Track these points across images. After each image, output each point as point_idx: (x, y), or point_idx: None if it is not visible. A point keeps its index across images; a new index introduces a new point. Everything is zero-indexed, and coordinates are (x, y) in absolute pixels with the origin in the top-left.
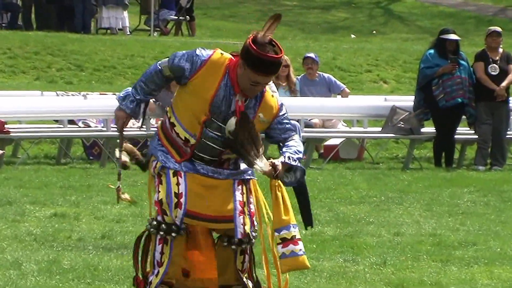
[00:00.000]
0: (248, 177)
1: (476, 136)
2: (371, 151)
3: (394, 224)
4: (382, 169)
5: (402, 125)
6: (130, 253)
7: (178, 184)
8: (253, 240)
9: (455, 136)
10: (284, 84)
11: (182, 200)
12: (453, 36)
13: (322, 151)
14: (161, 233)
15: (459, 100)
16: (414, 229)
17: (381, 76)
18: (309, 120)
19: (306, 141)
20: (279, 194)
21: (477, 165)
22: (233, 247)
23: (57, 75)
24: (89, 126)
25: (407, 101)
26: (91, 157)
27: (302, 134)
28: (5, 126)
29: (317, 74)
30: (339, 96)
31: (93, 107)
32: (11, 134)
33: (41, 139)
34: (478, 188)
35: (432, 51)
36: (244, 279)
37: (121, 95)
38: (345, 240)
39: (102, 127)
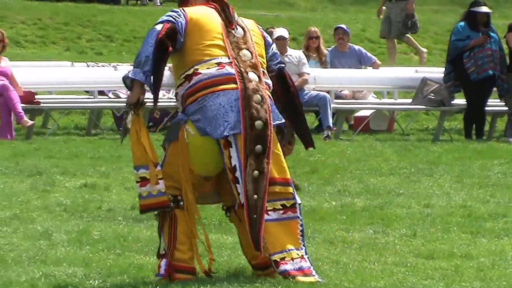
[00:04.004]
0: None
1: (507, 108)
2: (402, 123)
3: (424, 196)
4: (412, 140)
5: (433, 97)
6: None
7: None
8: None
9: (486, 108)
10: (314, 55)
11: None
12: (484, 9)
13: (352, 122)
14: None
15: (490, 72)
16: (444, 200)
17: (412, 47)
18: (340, 91)
19: (336, 113)
20: (133, 130)
21: (507, 137)
22: None
23: (87, 46)
24: (119, 97)
25: (438, 72)
26: (121, 128)
27: (332, 105)
28: (35, 96)
29: (348, 46)
30: (369, 68)
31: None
32: (41, 105)
33: (71, 110)
34: (509, 160)
35: (462, 23)
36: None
37: None
38: (375, 211)
39: None
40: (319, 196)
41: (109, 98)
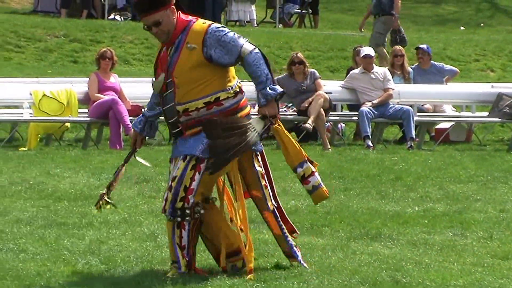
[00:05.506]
0: (194, 153)
1: None
2: (479, 134)
3: (499, 202)
4: (489, 150)
5: (508, 111)
6: (255, 227)
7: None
8: (189, 218)
9: None
10: (399, 72)
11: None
12: None
13: (433, 134)
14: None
15: None
16: None
17: (488, 65)
18: (422, 105)
19: (419, 125)
20: (283, 136)
21: None
22: (168, 217)
23: None
24: None
25: None
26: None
27: (415, 118)
28: (142, 110)
29: (430, 64)
30: (450, 83)
31: None
32: None
33: None
34: None
35: None
36: (180, 255)
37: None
38: (454, 216)
39: None
40: (403, 202)
41: None
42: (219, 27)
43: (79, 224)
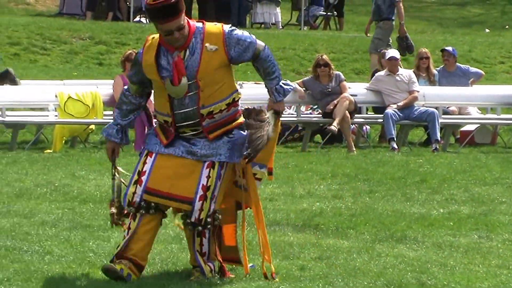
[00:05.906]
0: (224, 160)
1: None
2: (504, 136)
3: None
4: None
5: None
6: (281, 229)
7: (144, 163)
8: (210, 225)
9: None
10: (424, 75)
11: (144, 178)
12: None
13: (458, 136)
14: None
15: None
16: None
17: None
18: (447, 108)
19: (444, 127)
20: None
21: None
22: (189, 227)
23: None
24: None
25: None
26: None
27: (440, 120)
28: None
29: (455, 66)
30: (475, 86)
31: (249, 95)
32: None
33: None
34: None
35: None
36: (202, 262)
37: (104, 127)
38: (479, 218)
39: None
40: (428, 204)
41: None
42: (232, 27)
43: (104, 226)
